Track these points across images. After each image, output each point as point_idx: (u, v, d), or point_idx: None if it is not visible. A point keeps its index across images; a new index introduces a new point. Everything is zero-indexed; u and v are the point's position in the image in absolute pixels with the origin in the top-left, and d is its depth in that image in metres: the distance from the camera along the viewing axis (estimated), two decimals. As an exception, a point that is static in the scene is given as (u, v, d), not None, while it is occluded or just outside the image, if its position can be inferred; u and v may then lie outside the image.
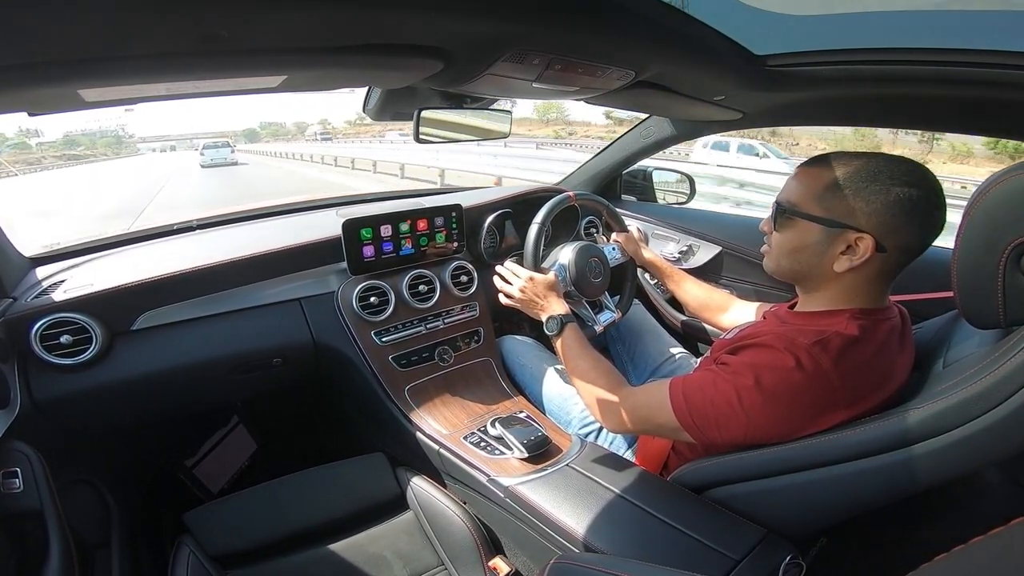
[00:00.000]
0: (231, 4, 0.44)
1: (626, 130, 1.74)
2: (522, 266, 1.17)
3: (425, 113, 0.98)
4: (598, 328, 1.25)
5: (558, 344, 1.04)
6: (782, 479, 0.75)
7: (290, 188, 12.32)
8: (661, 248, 1.68)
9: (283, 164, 21.68)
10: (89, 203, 11.86)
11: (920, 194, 0.68)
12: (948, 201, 0.71)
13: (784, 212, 0.77)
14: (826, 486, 0.71)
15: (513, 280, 1.15)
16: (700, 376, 0.78)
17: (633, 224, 1.62)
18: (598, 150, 1.85)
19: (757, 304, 1.17)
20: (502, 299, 1.17)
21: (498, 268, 1.19)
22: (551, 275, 1.15)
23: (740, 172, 8.08)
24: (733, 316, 1.20)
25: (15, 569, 0.74)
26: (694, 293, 1.28)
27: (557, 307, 1.09)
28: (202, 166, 20.69)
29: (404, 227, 1.25)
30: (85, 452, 1.11)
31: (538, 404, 1.23)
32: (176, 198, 11.85)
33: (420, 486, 1.08)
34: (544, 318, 1.08)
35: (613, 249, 1.38)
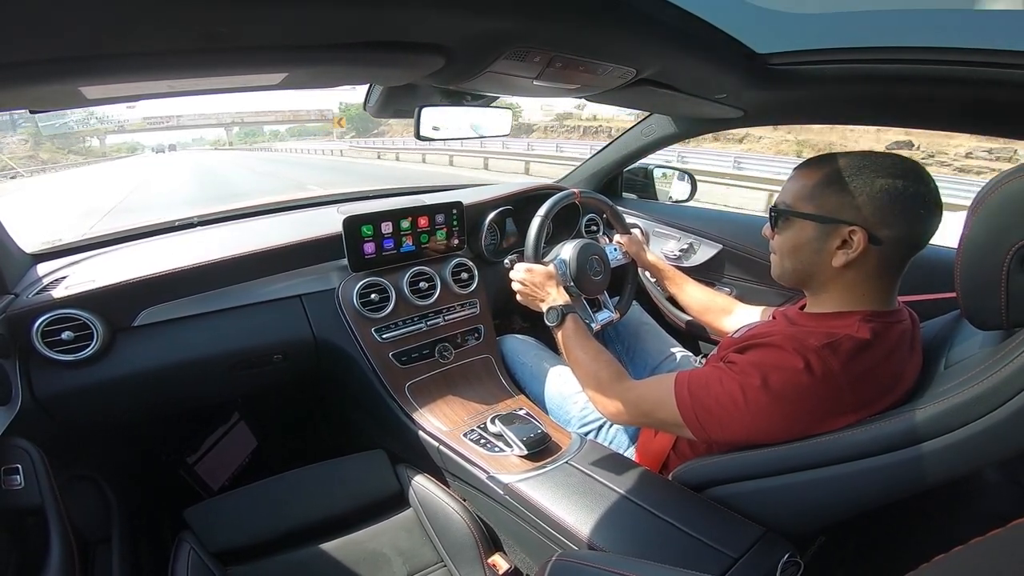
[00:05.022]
0: (232, 2, 0.44)
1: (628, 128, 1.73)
2: (523, 262, 1.17)
3: (426, 110, 0.98)
4: (595, 326, 1.24)
5: (559, 335, 1.03)
6: (782, 478, 0.74)
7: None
8: (662, 246, 1.67)
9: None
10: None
11: (905, 184, 0.68)
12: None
13: (780, 214, 0.78)
14: (826, 486, 0.71)
15: (512, 274, 1.15)
16: (706, 372, 0.78)
17: (635, 226, 1.62)
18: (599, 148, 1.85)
19: (761, 308, 1.16)
20: (518, 297, 1.16)
21: (511, 274, 1.18)
22: (550, 267, 1.14)
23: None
24: (736, 320, 1.19)
25: (16, 565, 0.75)
26: (696, 296, 1.27)
27: (557, 298, 1.08)
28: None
29: (405, 224, 1.25)
30: (86, 448, 1.12)
31: (538, 403, 1.23)
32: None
33: (420, 483, 1.08)
34: (544, 308, 1.08)
35: (615, 250, 1.38)
